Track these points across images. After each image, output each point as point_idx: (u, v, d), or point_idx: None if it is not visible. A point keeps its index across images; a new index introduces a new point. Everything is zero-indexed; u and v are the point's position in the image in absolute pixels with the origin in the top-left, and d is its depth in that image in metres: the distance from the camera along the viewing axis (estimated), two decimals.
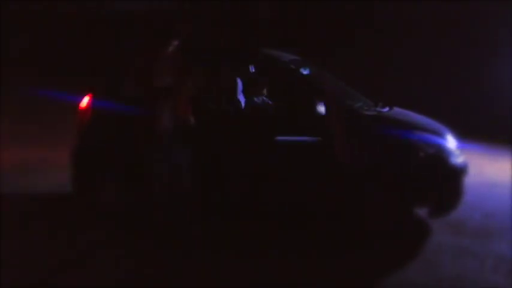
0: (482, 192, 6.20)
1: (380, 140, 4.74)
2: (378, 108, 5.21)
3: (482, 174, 6.94)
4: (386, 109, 5.25)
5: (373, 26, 11.47)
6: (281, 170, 4.94)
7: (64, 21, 12.83)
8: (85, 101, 5.31)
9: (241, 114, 5.40)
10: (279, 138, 4.94)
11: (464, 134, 6.67)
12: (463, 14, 10.60)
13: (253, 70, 5.92)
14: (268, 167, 4.95)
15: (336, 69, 6.46)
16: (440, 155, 4.77)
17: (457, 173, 4.82)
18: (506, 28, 10.46)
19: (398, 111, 5.31)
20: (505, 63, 10.53)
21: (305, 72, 5.30)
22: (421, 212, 4.96)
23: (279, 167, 4.93)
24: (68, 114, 10.12)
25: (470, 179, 6.29)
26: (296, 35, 11.75)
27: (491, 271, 4.11)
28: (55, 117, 10.48)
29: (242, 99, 5.73)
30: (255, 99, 5.69)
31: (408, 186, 4.65)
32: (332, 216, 4.94)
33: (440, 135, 4.94)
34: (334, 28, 11.91)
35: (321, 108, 4.79)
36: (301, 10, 12.76)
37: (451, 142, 4.95)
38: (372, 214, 4.70)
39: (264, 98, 5.69)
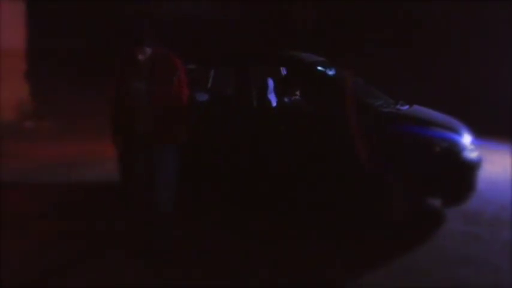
0: (502, 187, 6.53)
1: (398, 135, 5.22)
2: (398, 106, 5.69)
3: (505, 172, 7.27)
4: (406, 107, 5.73)
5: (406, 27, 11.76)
6: (302, 164, 5.51)
7: (120, 22, 13.39)
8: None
9: (271, 113, 6.01)
10: None
11: (492, 133, 7.08)
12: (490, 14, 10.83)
13: (285, 71, 6.49)
14: (292, 162, 5.54)
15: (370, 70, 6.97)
16: (455, 150, 5.20)
17: (470, 167, 5.23)
18: None
19: (417, 109, 5.78)
20: None
21: (331, 72, 5.82)
22: (436, 202, 5.41)
23: (300, 161, 5.52)
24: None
25: (493, 175, 6.73)
26: (336, 37, 12.11)
27: (495, 255, 4.56)
28: (103, 114, 11.31)
29: (273, 98, 6.32)
30: (285, 99, 6.26)
31: (423, 178, 5.12)
32: (348, 204, 5.44)
33: (456, 131, 5.38)
34: (373, 30, 12.22)
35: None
36: (341, 12, 13.08)
37: (466, 138, 5.38)
38: (388, 203, 5.18)
39: (296, 98, 6.25)
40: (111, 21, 12.48)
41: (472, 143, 5.42)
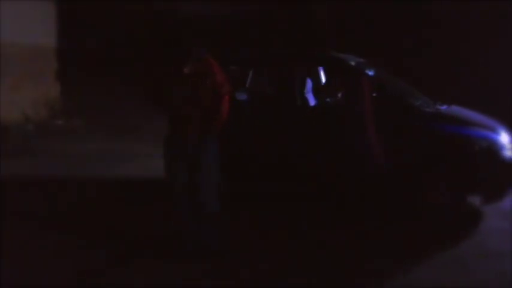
0: None
1: (439, 135, 5.53)
2: (437, 106, 5.99)
3: None
4: (445, 107, 6.03)
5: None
6: (347, 162, 5.83)
7: (133, 22, 13.74)
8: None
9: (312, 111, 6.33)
10: None
11: None
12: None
13: (325, 72, 6.82)
14: (331, 158, 5.87)
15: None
16: (494, 149, 5.51)
17: (508, 165, 5.53)
18: None
19: (456, 109, 6.08)
20: None
21: (370, 73, 6.12)
22: (475, 199, 5.70)
23: (345, 160, 5.83)
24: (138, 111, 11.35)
25: None
26: (358, 38, 12.33)
27: None
28: (130, 114, 11.75)
29: (311, 98, 6.64)
30: (327, 99, 6.58)
31: (463, 176, 5.44)
32: (385, 201, 5.77)
33: (495, 130, 5.68)
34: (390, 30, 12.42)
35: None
36: (361, 12, 13.28)
37: (504, 137, 5.67)
38: (430, 200, 5.50)
39: (336, 98, 6.57)
40: (141, 20, 12.87)
41: (510, 142, 5.70)
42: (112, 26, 12.87)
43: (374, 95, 6.00)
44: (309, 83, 6.60)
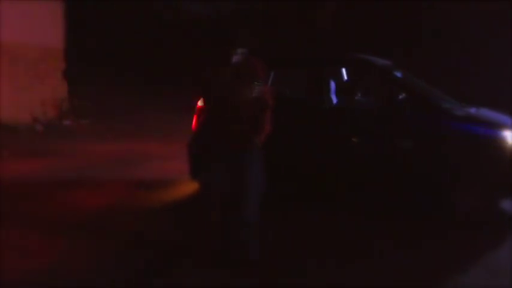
0: None
1: (473, 137, 5.51)
2: (466, 109, 5.98)
3: None
4: (474, 109, 6.01)
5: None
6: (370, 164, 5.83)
7: (141, 22, 13.79)
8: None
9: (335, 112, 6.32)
10: None
11: None
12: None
13: (347, 74, 6.82)
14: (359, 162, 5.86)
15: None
16: None
17: None
18: None
19: (485, 111, 6.08)
20: None
21: (399, 75, 6.11)
22: (507, 203, 5.73)
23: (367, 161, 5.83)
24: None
25: None
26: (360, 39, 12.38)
27: None
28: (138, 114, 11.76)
29: (335, 99, 6.62)
30: (346, 99, 6.57)
31: (495, 179, 5.43)
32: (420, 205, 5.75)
33: None
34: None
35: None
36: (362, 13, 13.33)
37: None
38: (462, 204, 5.49)
39: (358, 98, 6.56)
40: (148, 21, 12.89)
41: None
42: (120, 27, 12.91)
43: (401, 96, 5.98)
44: (332, 84, 6.58)
